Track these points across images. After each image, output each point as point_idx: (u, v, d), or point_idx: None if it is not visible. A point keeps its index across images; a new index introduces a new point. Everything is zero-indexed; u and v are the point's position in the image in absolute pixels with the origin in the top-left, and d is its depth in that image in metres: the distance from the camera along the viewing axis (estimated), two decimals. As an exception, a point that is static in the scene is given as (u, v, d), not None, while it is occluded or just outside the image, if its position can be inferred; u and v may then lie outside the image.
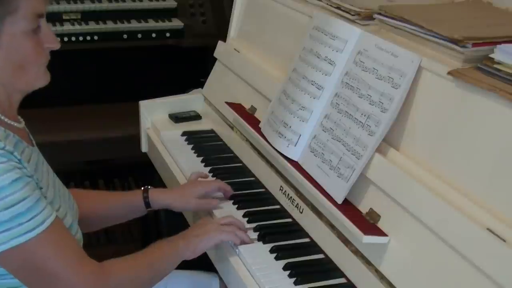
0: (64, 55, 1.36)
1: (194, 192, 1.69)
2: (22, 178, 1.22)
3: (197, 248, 1.47)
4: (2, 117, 1.29)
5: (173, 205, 1.70)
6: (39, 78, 1.32)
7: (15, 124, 1.33)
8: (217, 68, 2.32)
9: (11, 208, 1.19)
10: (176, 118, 2.26)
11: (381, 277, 1.33)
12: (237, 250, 1.51)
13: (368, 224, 1.38)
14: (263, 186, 1.81)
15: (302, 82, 1.66)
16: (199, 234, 1.49)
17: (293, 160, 1.64)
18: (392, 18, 1.54)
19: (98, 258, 1.35)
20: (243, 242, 1.52)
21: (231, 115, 2.01)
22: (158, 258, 1.43)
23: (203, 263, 1.65)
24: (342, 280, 1.42)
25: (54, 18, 3.00)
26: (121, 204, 1.70)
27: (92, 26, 3.07)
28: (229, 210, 1.68)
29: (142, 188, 1.69)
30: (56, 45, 1.32)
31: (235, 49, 2.21)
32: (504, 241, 1.10)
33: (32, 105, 1.40)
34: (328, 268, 1.46)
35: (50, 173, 1.41)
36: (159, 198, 1.68)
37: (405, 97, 1.39)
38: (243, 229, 1.57)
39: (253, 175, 1.87)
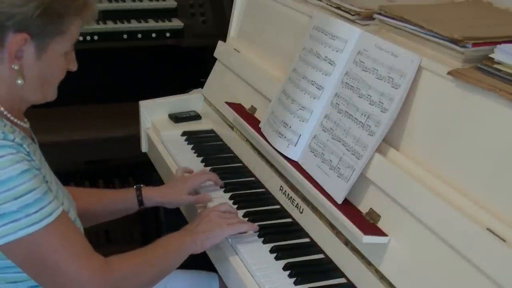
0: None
1: (184, 188, 1.74)
2: (30, 169, 1.24)
3: (204, 245, 1.49)
4: (12, 117, 1.33)
5: (165, 203, 1.76)
6: (53, 94, 1.38)
7: (22, 124, 1.36)
8: (217, 68, 2.32)
9: (20, 198, 1.21)
10: (176, 118, 2.26)
11: (381, 277, 1.33)
12: (237, 250, 1.51)
13: (368, 224, 1.38)
14: (263, 186, 1.81)
15: (302, 82, 1.66)
16: (205, 230, 1.50)
17: (293, 160, 1.64)
18: (392, 18, 1.54)
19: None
20: (248, 231, 1.56)
21: (231, 115, 2.01)
22: (165, 254, 1.44)
23: (203, 263, 1.66)
24: (342, 280, 1.42)
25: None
26: (114, 202, 1.73)
27: (92, 26, 3.06)
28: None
29: (135, 187, 1.73)
30: (75, 68, 1.40)
31: (235, 49, 2.21)
32: (504, 241, 1.10)
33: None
34: (328, 268, 1.46)
35: (50, 172, 1.42)
36: (152, 196, 1.73)
37: (405, 97, 1.39)
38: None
39: (253, 175, 1.87)
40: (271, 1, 2.06)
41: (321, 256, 1.51)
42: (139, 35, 3.15)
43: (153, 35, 3.17)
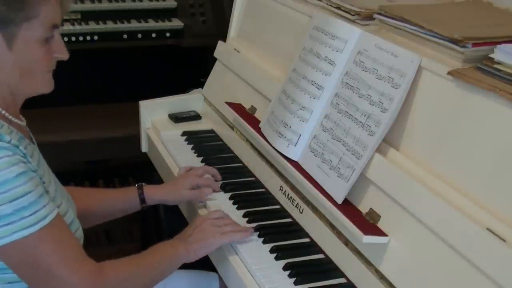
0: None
1: (185, 183, 1.73)
2: (26, 172, 1.23)
3: (198, 254, 1.49)
4: (6, 114, 1.31)
5: (168, 200, 1.76)
6: (44, 85, 1.34)
7: (18, 122, 1.35)
8: (217, 68, 2.32)
9: (15, 201, 1.20)
10: (176, 118, 2.26)
11: (381, 277, 1.33)
12: (237, 250, 1.51)
13: (368, 224, 1.38)
14: (263, 186, 1.81)
15: (302, 82, 1.66)
16: (198, 239, 1.49)
17: (293, 160, 1.64)
18: (392, 18, 1.54)
19: (98, 258, 1.35)
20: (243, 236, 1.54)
21: (231, 115, 2.01)
22: (158, 261, 1.44)
23: (203, 263, 1.66)
24: (342, 280, 1.42)
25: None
26: (116, 201, 1.72)
27: (92, 26, 3.07)
28: (229, 210, 1.67)
29: (137, 185, 1.72)
30: (65, 56, 1.35)
31: (235, 49, 2.21)
32: (504, 241, 1.10)
33: (32, 105, 1.42)
34: (328, 268, 1.46)
35: (50, 171, 1.42)
36: (154, 194, 1.72)
37: (405, 97, 1.39)
38: (233, 223, 1.58)
39: (253, 175, 1.87)
40: (271, 1, 2.06)
41: (321, 256, 1.51)
42: (139, 35, 3.16)
43: (153, 35, 3.18)
